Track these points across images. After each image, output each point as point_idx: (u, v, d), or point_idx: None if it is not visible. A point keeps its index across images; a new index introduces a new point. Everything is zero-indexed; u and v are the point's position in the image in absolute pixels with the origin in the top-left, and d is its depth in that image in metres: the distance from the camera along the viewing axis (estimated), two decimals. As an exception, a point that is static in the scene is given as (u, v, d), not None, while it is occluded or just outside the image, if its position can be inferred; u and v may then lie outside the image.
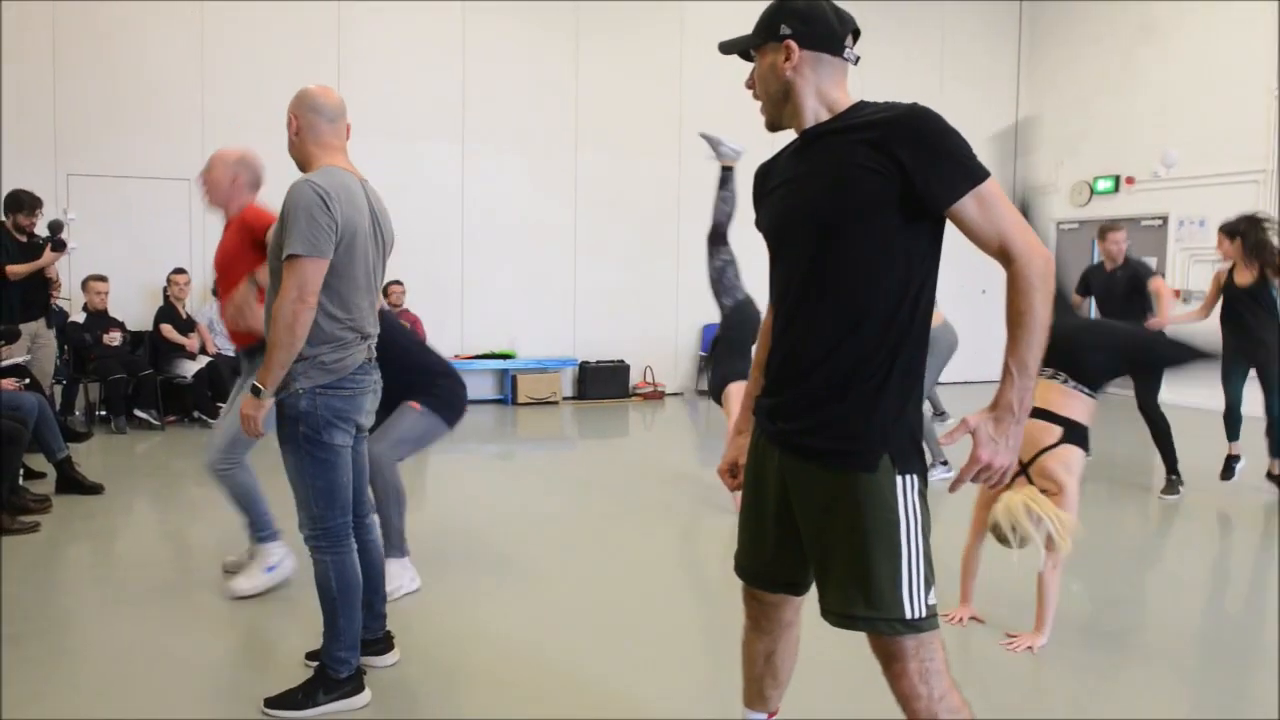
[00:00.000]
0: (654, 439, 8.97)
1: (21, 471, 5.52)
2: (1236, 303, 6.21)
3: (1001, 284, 1.83)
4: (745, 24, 2.05)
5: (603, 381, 10.56)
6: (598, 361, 10.64)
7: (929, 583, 1.86)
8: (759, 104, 2.04)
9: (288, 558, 4.17)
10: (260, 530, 4.17)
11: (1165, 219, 11.11)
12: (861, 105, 1.94)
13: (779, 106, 1.99)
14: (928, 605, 1.85)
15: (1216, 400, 6.35)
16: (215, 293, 8.85)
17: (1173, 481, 6.21)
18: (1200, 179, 10.58)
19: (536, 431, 8.83)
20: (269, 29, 9.27)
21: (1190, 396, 6.56)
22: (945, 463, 6.31)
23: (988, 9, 12.66)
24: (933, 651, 1.86)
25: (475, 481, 6.62)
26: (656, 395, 10.82)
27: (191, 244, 9.20)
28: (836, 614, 1.91)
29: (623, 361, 10.70)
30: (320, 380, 2.83)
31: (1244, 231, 6.12)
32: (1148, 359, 4.52)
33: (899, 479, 1.84)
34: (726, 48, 2.10)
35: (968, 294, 10.70)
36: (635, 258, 10.85)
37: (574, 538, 5.15)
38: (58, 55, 8.68)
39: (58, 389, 7.68)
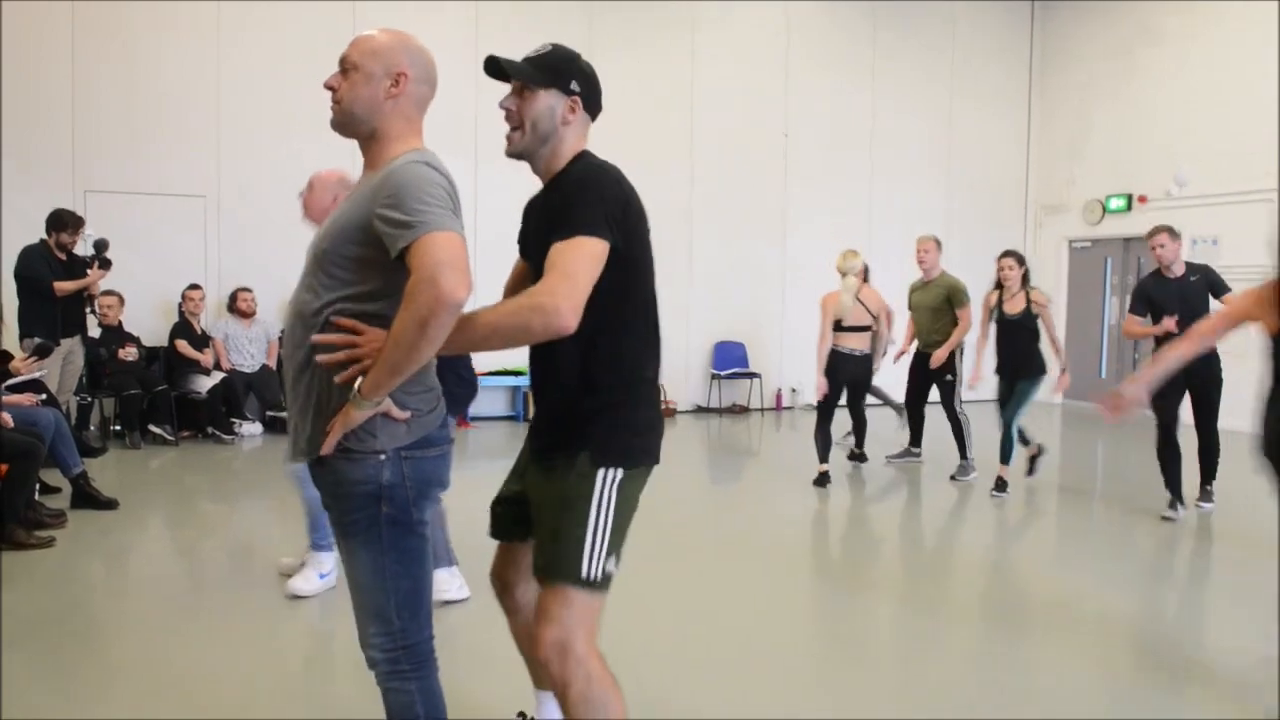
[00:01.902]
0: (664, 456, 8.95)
1: (37, 486, 5.56)
2: (1008, 328, 6.75)
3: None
4: (754, 46, 2.05)
5: (614, 399, 10.52)
6: (609, 378, 10.62)
7: (609, 554, 2.17)
8: (511, 128, 2.24)
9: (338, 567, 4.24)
10: (321, 539, 4.28)
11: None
12: (579, 157, 2.22)
13: (539, 145, 2.22)
14: (604, 571, 2.17)
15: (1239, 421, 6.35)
16: (231, 308, 8.96)
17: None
18: (1213, 197, 10.56)
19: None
20: (284, 47, 9.35)
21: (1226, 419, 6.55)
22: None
23: (999, 26, 12.70)
24: (589, 613, 2.16)
25: (484, 500, 6.61)
26: (668, 413, 10.82)
27: (207, 260, 9.27)
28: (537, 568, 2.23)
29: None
30: (406, 439, 2.04)
31: (1023, 261, 6.85)
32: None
33: (599, 471, 2.15)
34: (500, 70, 2.23)
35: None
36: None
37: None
38: (76, 74, 8.77)
39: (76, 404, 7.74)
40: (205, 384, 8.53)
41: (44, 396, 6.05)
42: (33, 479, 5.30)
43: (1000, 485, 6.76)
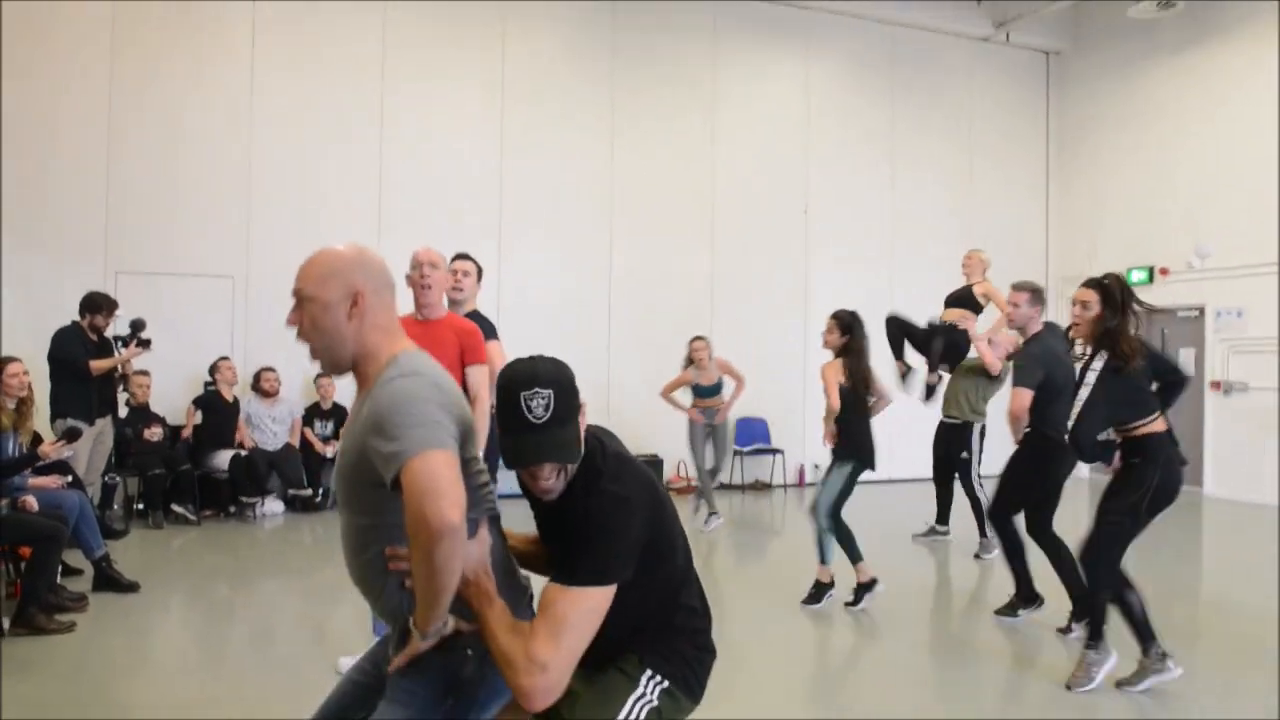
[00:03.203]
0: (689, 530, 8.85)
1: (60, 569, 5.55)
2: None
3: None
4: (774, 123, 2.07)
5: (636, 475, 10.47)
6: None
7: None
8: (548, 484, 2.09)
9: None
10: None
11: (1202, 310, 11.03)
12: (597, 478, 2.15)
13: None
14: None
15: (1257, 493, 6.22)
16: (255, 388, 9.02)
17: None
18: (1237, 269, 10.53)
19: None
20: (314, 130, 9.57)
21: (1238, 490, 6.35)
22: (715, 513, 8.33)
23: (1016, 100, 12.86)
24: None
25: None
26: (691, 489, 10.72)
27: (234, 339, 9.37)
28: None
29: (656, 455, 10.66)
30: None
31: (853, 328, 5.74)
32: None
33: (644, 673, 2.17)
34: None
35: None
36: (668, 349, 10.89)
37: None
38: (110, 156, 9.00)
39: (100, 484, 7.76)
40: (225, 458, 8.57)
41: (70, 479, 6.07)
42: (55, 563, 5.29)
43: (816, 592, 5.77)
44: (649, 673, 2.15)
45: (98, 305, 7.21)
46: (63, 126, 8.84)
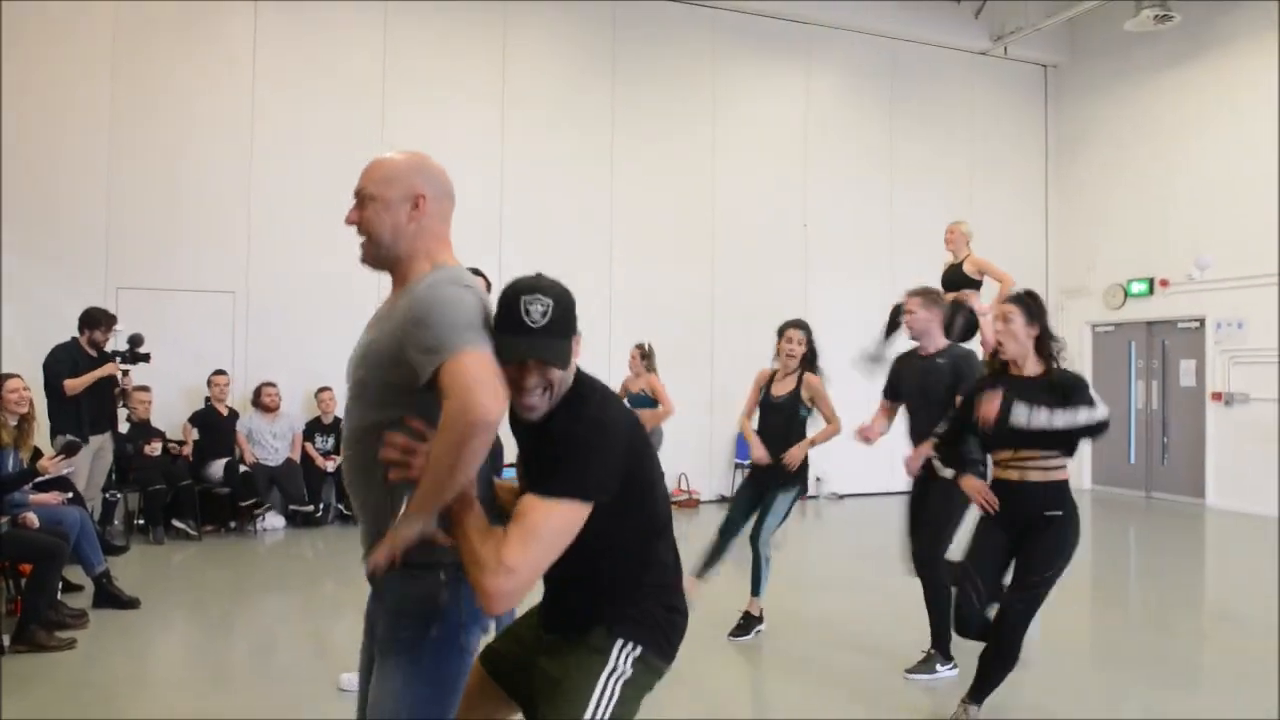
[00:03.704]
0: (687, 549, 8.84)
1: (60, 585, 5.54)
2: (773, 413, 5.44)
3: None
4: (774, 138, 2.06)
5: (637, 489, 10.45)
6: (632, 468, 10.57)
7: None
8: (532, 403, 2.09)
9: None
10: None
11: (1202, 321, 11.04)
12: (588, 392, 2.23)
13: (558, 398, 2.15)
14: None
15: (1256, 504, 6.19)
16: (256, 404, 9.01)
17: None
18: (1238, 280, 10.54)
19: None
20: (315, 147, 9.59)
21: (1239, 502, 6.31)
22: None
23: (1016, 112, 12.90)
24: None
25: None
26: (691, 503, 10.72)
27: (234, 354, 9.37)
28: None
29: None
30: None
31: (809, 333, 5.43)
32: None
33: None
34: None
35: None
36: (669, 364, 10.89)
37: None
38: (111, 172, 9.01)
39: (100, 500, 7.74)
40: (219, 468, 8.56)
41: (70, 495, 6.06)
42: (55, 580, 5.28)
43: (745, 624, 5.39)
44: (620, 642, 2.14)
45: (96, 320, 7.22)
46: (64, 142, 8.86)
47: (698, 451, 10.94)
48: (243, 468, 8.68)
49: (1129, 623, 6.01)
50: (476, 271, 4.98)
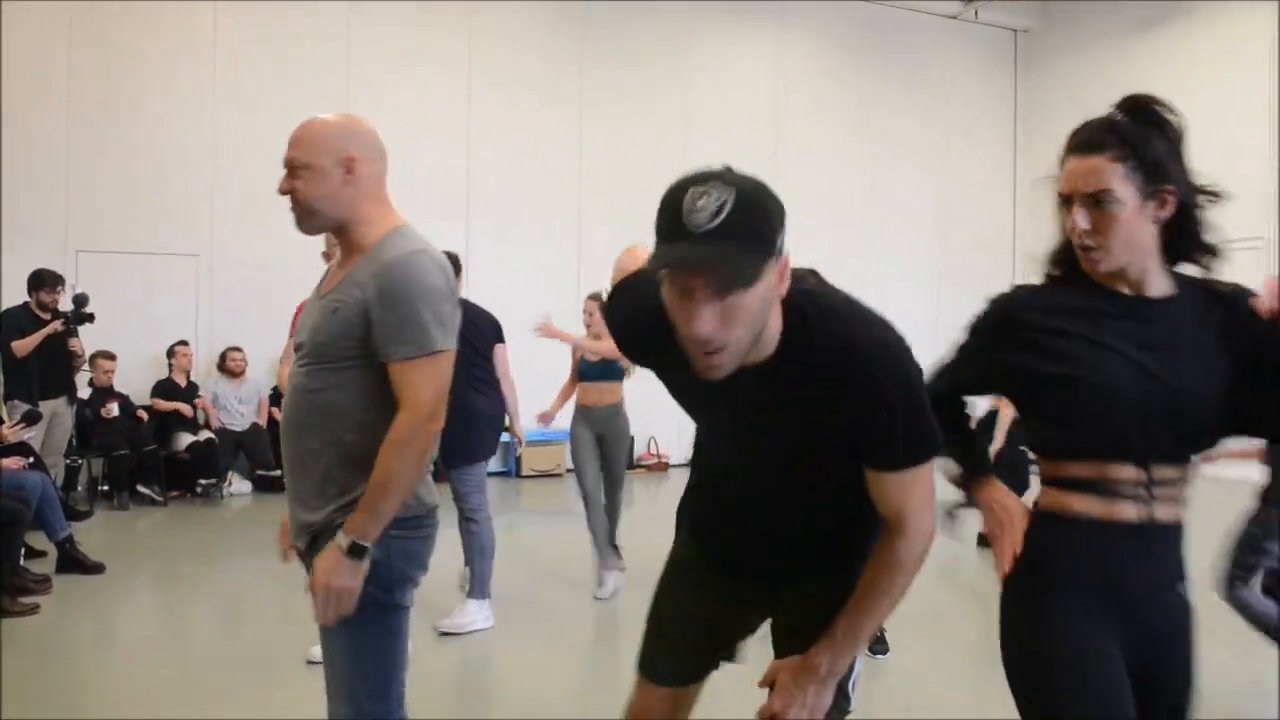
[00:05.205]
0: (659, 513, 8.91)
1: (23, 551, 5.48)
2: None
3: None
4: (745, 103, 2.04)
5: (607, 453, 10.47)
6: (602, 432, 10.59)
7: None
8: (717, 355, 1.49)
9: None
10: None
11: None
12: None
13: (752, 344, 1.54)
14: None
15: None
16: (221, 369, 8.91)
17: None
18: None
19: (541, 504, 8.79)
20: (280, 109, 9.41)
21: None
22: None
23: (986, 75, 12.95)
24: None
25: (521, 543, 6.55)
26: (660, 467, 10.78)
27: (198, 319, 9.26)
28: None
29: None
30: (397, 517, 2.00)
31: None
32: None
33: None
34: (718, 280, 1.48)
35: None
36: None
37: (581, 612, 5.09)
38: (70, 135, 8.83)
39: (64, 466, 7.65)
40: (185, 440, 8.46)
41: (31, 460, 5.99)
42: (18, 545, 5.23)
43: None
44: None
45: (42, 281, 7.09)
46: (21, 103, 8.64)
47: (666, 416, 10.92)
48: (206, 433, 8.59)
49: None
50: (451, 257, 4.94)
